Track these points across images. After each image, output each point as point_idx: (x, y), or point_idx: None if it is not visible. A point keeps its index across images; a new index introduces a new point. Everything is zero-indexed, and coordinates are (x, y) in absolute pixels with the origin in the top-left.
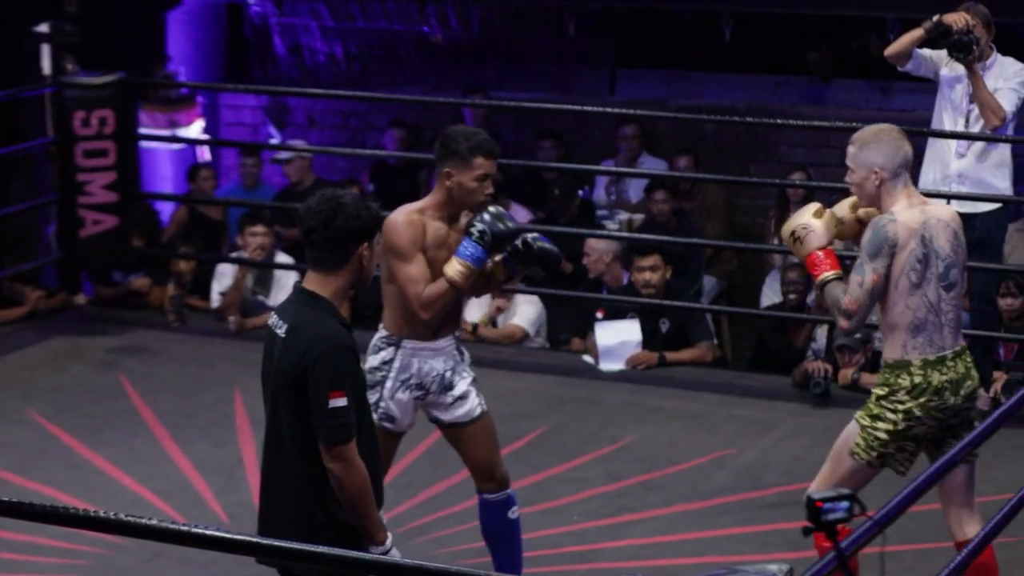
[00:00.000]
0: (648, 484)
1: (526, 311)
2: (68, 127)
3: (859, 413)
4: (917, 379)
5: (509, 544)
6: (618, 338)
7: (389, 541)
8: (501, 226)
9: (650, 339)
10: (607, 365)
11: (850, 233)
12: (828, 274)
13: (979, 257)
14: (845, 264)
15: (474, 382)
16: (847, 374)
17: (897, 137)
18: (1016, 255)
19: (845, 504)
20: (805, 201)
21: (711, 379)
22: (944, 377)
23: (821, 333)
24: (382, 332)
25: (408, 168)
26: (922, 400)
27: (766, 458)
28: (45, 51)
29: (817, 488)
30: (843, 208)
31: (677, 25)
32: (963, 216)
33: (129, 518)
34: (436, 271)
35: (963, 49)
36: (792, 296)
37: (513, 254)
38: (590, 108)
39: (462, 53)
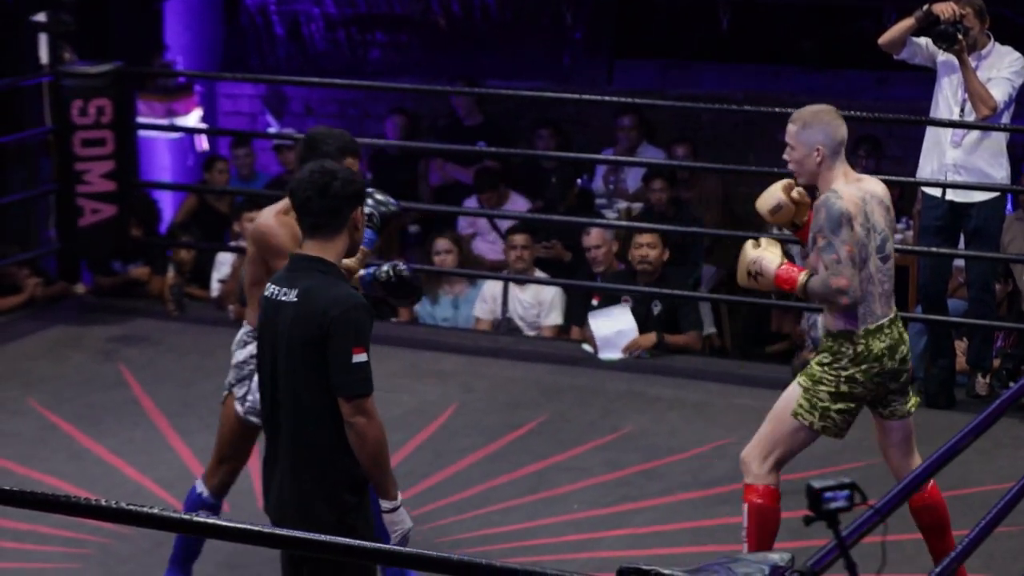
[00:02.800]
0: (648, 473)
1: (557, 303)
2: (66, 116)
3: (801, 377)
4: (860, 348)
5: None
6: (614, 327)
7: (400, 498)
8: (391, 207)
9: (643, 323)
10: (606, 355)
11: (790, 216)
12: (802, 276)
13: (976, 246)
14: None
15: None
16: None
17: (836, 117)
18: (1015, 245)
19: (846, 493)
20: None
21: (711, 368)
22: (883, 344)
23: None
24: (247, 327)
25: (407, 156)
26: (864, 367)
27: None
28: (42, 40)
29: (754, 447)
30: (777, 194)
31: (674, 14)
32: (960, 206)
33: (131, 507)
34: None
35: (947, 39)
36: None
37: (385, 284)
38: (588, 97)
39: (462, 41)
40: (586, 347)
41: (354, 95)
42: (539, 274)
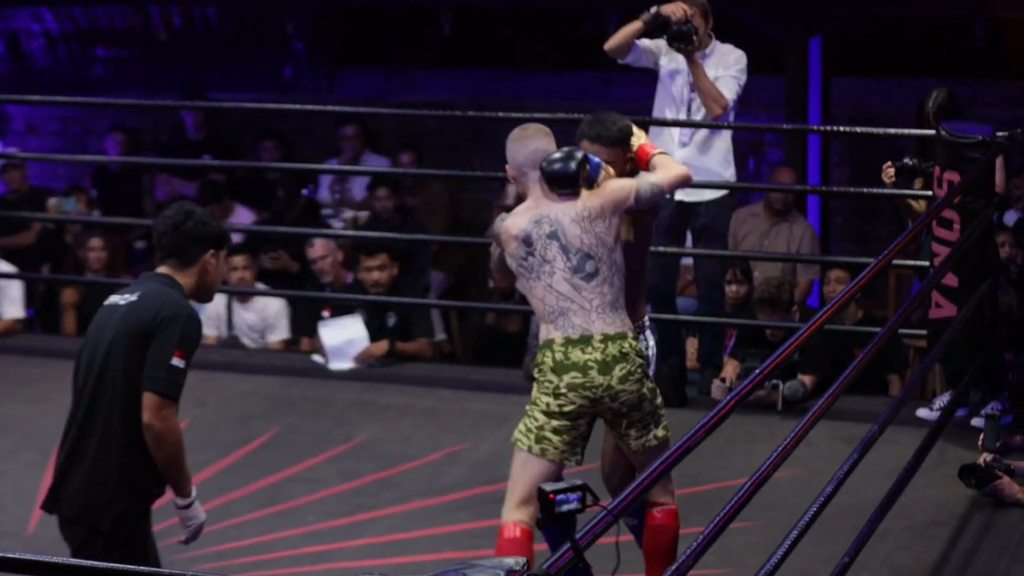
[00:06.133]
0: (383, 482)
1: (283, 319)
2: None
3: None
4: (558, 356)
5: None
6: (344, 336)
7: (194, 493)
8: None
9: (377, 334)
10: (336, 364)
11: None
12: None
13: (705, 244)
14: None
15: None
16: None
17: (530, 136)
18: (750, 240)
19: (577, 495)
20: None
21: (442, 374)
22: (589, 356)
23: None
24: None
25: (131, 172)
26: (566, 379)
27: (500, 452)
28: None
29: (510, 491)
30: None
31: (396, 21)
32: (688, 204)
33: None
34: None
35: (683, 39)
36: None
37: None
38: (311, 107)
39: (184, 53)
40: (316, 358)
41: (76, 112)
42: (263, 288)
